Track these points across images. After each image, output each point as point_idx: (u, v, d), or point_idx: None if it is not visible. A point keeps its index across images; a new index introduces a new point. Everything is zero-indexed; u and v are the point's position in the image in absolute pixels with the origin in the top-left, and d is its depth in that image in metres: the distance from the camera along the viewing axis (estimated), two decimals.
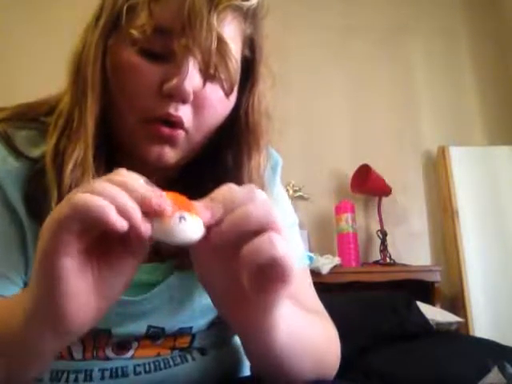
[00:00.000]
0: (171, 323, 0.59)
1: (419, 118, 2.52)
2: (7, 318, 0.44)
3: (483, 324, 2.10)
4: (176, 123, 0.53)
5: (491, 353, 1.30)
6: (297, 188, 2.30)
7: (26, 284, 0.56)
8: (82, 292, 0.38)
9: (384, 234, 2.26)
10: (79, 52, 0.57)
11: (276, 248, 0.37)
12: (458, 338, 1.65)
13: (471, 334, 2.05)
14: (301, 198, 2.29)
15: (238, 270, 0.39)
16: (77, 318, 0.39)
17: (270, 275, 0.38)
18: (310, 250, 2.13)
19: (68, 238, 0.36)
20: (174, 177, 0.63)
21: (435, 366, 1.30)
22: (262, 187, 0.61)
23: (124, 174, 0.39)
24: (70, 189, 0.52)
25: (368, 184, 2.23)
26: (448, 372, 1.26)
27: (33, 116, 0.60)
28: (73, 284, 0.37)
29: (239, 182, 0.59)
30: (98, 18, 0.56)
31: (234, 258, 0.38)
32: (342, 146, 2.43)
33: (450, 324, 1.74)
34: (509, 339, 1.53)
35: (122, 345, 0.57)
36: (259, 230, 0.38)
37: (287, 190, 2.19)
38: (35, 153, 0.56)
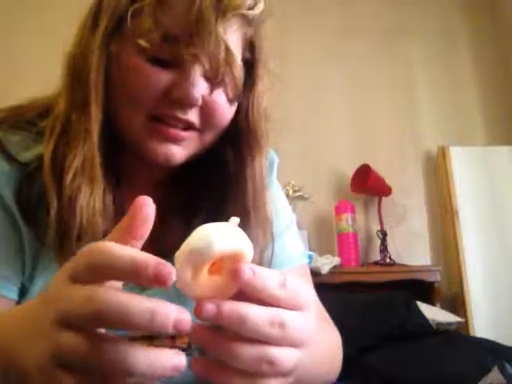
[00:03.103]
0: None
1: (419, 118, 2.52)
2: None
3: (483, 324, 2.09)
4: (184, 125, 0.54)
5: (491, 353, 1.30)
6: (297, 188, 2.29)
7: (23, 284, 0.56)
8: None
9: (384, 234, 2.25)
10: (76, 55, 0.55)
11: (272, 370, 0.33)
12: (458, 338, 1.65)
13: (471, 333, 2.05)
14: (301, 197, 2.29)
15: None
16: None
17: None
18: (310, 250, 2.13)
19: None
20: (174, 174, 0.63)
21: (435, 365, 1.30)
22: (264, 189, 0.61)
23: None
24: (71, 199, 0.51)
25: (368, 184, 2.23)
26: (448, 372, 1.26)
27: (24, 118, 0.59)
28: None
29: (242, 182, 0.59)
30: (95, 20, 0.55)
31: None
32: (342, 146, 2.43)
33: (450, 324, 1.73)
34: (509, 339, 1.53)
35: None
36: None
37: (287, 190, 2.19)
38: (26, 156, 0.56)
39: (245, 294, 0.33)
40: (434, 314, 1.72)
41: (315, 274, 1.89)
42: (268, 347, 0.33)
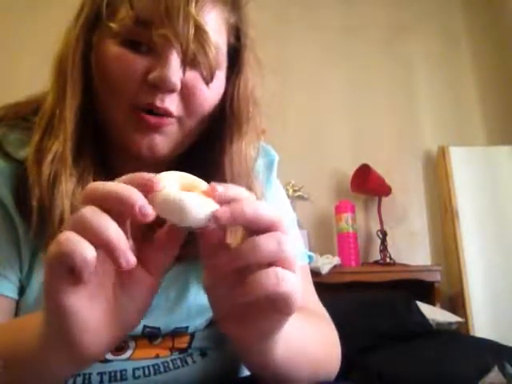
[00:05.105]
0: (166, 323, 0.58)
1: (419, 118, 2.52)
2: (20, 340, 0.43)
3: (483, 324, 2.09)
4: (163, 114, 0.54)
5: (491, 353, 1.30)
6: (297, 188, 2.29)
7: (20, 281, 0.56)
8: (95, 324, 0.38)
9: (384, 234, 2.25)
10: (60, 50, 0.57)
11: (281, 285, 0.36)
12: (458, 338, 1.65)
13: (471, 333, 2.05)
14: (301, 197, 2.29)
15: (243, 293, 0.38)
16: (92, 350, 0.38)
17: (273, 305, 0.39)
18: (310, 250, 2.11)
19: (62, 278, 0.35)
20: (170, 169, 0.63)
21: (435, 365, 1.30)
22: (247, 175, 0.60)
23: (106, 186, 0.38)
24: (49, 183, 0.53)
25: (368, 184, 2.23)
26: (448, 372, 1.26)
27: (21, 116, 0.60)
28: (82, 318, 0.37)
29: (220, 167, 0.59)
30: (78, 15, 0.57)
31: (240, 282, 0.38)
32: (342, 146, 2.43)
33: (450, 324, 1.73)
34: (509, 339, 1.53)
35: (119, 344, 0.57)
36: (268, 262, 0.38)
37: (287, 190, 2.19)
38: (22, 154, 0.56)
39: None
40: (434, 313, 1.72)
41: (315, 273, 1.89)
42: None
